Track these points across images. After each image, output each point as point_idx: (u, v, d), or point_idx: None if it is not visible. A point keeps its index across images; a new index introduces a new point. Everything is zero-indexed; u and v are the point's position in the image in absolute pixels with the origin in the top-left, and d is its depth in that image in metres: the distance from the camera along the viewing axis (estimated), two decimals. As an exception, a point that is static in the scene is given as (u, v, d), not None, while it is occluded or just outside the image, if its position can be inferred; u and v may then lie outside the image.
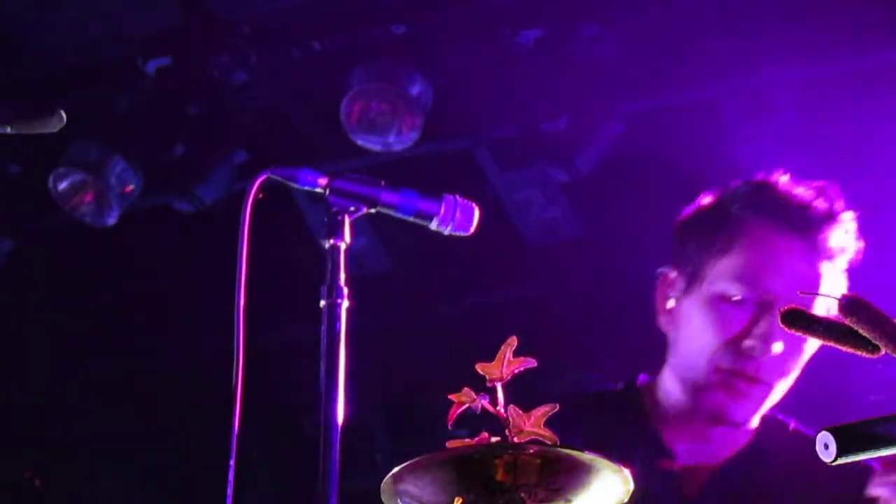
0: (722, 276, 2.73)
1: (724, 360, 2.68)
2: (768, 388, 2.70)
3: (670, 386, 2.78)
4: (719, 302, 2.71)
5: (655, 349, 2.87)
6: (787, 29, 4.68)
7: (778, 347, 2.65)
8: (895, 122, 4.87)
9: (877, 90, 4.82)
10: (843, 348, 1.60)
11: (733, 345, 2.68)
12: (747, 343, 2.67)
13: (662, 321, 2.83)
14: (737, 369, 2.67)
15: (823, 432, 1.57)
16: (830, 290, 2.68)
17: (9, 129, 2.44)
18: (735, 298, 2.69)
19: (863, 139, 5.01)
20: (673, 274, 2.82)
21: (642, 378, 2.88)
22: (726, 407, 2.68)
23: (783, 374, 2.71)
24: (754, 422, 2.76)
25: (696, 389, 2.72)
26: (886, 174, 5.01)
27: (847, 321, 1.54)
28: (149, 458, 6.51)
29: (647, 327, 2.89)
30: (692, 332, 2.74)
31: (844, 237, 2.85)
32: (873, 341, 1.56)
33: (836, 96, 4.91)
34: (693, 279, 2.76)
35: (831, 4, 4.62)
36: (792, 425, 2.82)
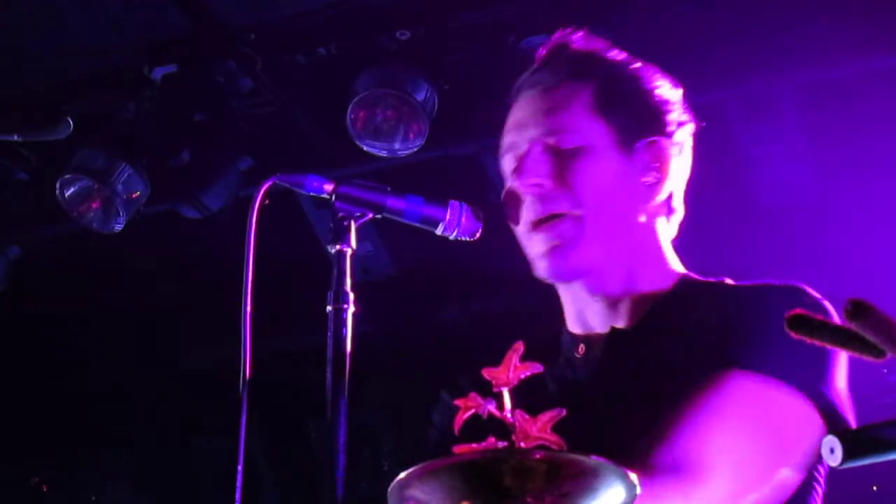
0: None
1: (517, 227, 2.57)
2: (562, 223, 2.50)
3: None
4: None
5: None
6: (792, 33, 4.68)
7: (531, 179, 2.49)
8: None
9: (883, 94, 4.82)
10: (849, 352, 1.60)
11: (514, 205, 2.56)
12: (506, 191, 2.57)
13: None
14: (513, 220, 2.55)
15: (829, 437, 1.57)
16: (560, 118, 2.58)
17: (16, 137, 2.45)
18: (502, 160, 2.64)
19: (867, 141, 5.01)
20: None
21: None
22: (538, 267, 2.54)
23: (571, 203, 2.49)
24: (577, 262, 2.51)
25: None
26: (889, 176, 5.01)
27: (852, 325, 1.54)
28: (155, 464, 6.52)
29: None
30: None
31: (574, 56, 2.71)
32: (879, 345, 1.56)
33: (842, 100, 4.91)
34: None
35: (837, 8, 4.62)
36: (720, 280, 2.57)
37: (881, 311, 1.54)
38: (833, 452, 1.57)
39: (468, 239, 2.48)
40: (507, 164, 2.60)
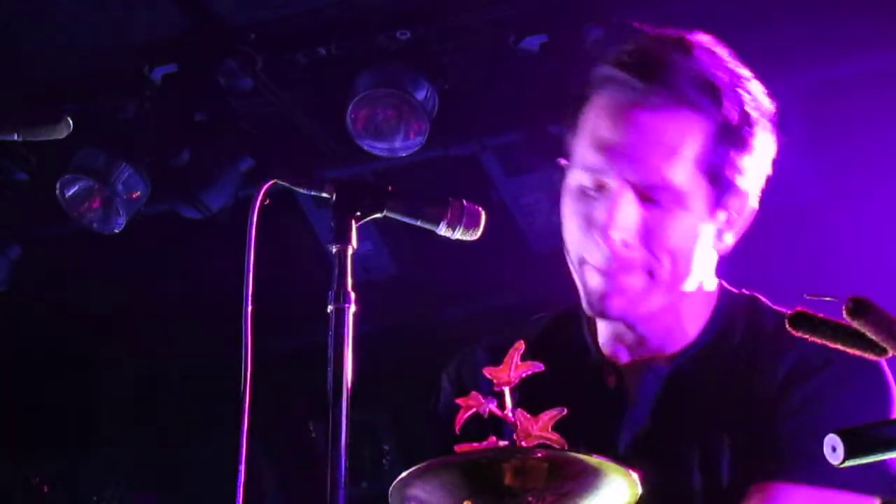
0: (574, 160, 2.38)
1: (578, 251, 2.37)
2: (631, 278, 2.34)
3: None
4: (575, 191, 2.38)
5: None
6: (793, 33, 4.68)
7: (618, 235, 2.29)
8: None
9: (885, 92, 4.82)
10: (851, 351, 1.60)
11: (583, 235, 2.37)
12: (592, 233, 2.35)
13: None
14: (587, 260, 2.36)
15: (831, 435, 1.57)
16: (697, 151, 2.29)
17: (16, 137, 2.44)
18: (582, 185, 2.36)
19: (870, 142, 5.00)
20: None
21: None
22: (592, 301, 2.37)
23: (649, 260, 2.33)
24: (637, 312, 2.38)
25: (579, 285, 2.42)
26: (891, 176, 5.01)
27: (854, 324, 1.54)
28: (155, 465, 6.51)
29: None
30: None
31: (712, 71, 2.36)
32: (880, 343, 1.56)
33: (844, 99, 4.91)
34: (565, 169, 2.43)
35: (839, 8, 4.62)
36: (760, 302, 2.49)
37: (882, 308, 1.54)
38: (835, 451, 1.56)
39: (469, 238, 2.47)
40: (583, 178, 2.36)
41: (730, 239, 2.44)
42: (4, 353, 6.00)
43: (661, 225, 2.33)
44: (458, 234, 2.44)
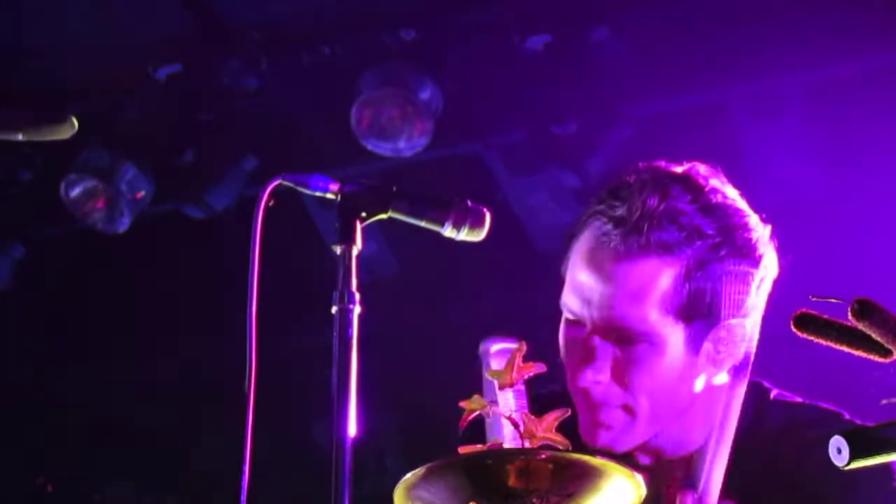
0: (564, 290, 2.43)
1: (570, 382, 2.39)
2: (611, 414, 2.36)
3: None
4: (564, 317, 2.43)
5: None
6: (797, 31, 4.67)
7: (589, 375, 2.33)
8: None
9: (889, 91, 4.81)
10: (856, 352, 1.59)
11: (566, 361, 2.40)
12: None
13: None
14: (574, 392, 2.38)
15: (836, 436, 1.57)
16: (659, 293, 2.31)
17: (20, 137, 2.44)
18: (567, 317, 2.41)
19: (876, 141, 5.00)
20: None
21: None
22: (582, 433, 2.37)
23: (625, 398, 2.35)
24: (625, 446, 2.39)
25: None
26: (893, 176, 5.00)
27: (859, 325, 1.54)
28: (160, 466, 6.51)
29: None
30: None
31: (675, 212, 2.33)
32: (886, 345, 1.55)
33: (848, 97, 4.90)
34: None
35: (842, 6, 4.62)
36: (772, 395, 2.49)
37: (888, 310, 1.53)
38: (840, 452, 1.56)
39: (474, 239, 2.47)
40: (566, 311, 2.40)
41: (728, 364, 2.41)
42: (8, 352, 6.00)
43: (634, 367, 2.34)
44: (463, 235, 2.43)
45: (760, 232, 2.44)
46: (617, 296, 2.32)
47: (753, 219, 2.45)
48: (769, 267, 2.45)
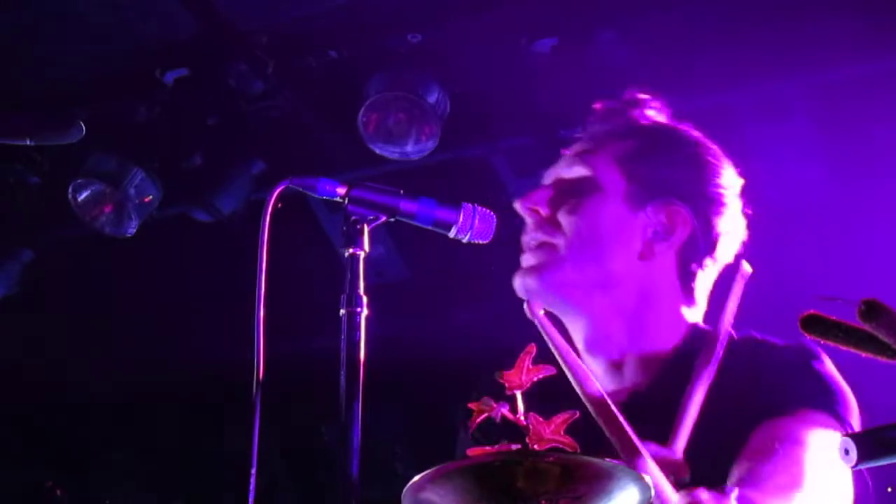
0: None
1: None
2: (542, 249, 2.64)
3: None
4: None
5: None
6: (803, 34, 4.67)
7: (528, 202, 2.66)
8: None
9: (892, 94, 4.81)
10: (863, 353, 1.60)
11: None
12: None
13: None
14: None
15: (844, 438, 1.57)
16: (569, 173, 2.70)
17: (29, 141, 2.45)
18: None
19: (881, 142, 5.00)
20: None
21: None
22: (516, 285, 2.68)
23: (553, 234, 2.63)
24: (551, 281, 2.62)
25: None
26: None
27: (867, 326, 1.54)
28: (167, 468, 6.52)
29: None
30: None
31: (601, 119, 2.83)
32: (893, 346, 1.55)
33: (854, 99, 4.90)
34: None
35: (846, 9, 4.62)
36: (751, 335, 2.61)
37: (895, 311, 1.54)
38: (848, 454, 1.56)
39: (481, 241, 2.47)
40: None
41: (663, 252, 2.60)
42: (15, 356, 6.02)
43: (569, 200, 2.62)
44: (471, 238, 2.44)
45: (730, 180, 2.74)
46: (580, 153, 2.71)
47: (728, 172, 2.76)
48: (732, 214, 2.71)
